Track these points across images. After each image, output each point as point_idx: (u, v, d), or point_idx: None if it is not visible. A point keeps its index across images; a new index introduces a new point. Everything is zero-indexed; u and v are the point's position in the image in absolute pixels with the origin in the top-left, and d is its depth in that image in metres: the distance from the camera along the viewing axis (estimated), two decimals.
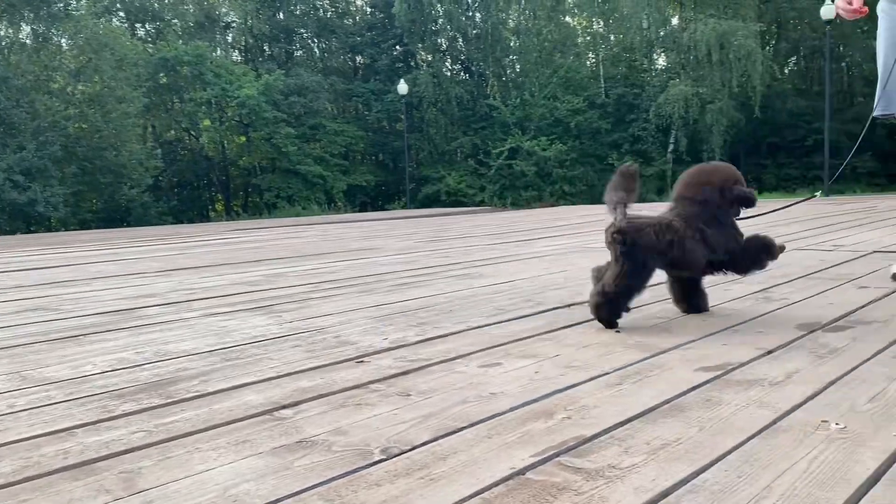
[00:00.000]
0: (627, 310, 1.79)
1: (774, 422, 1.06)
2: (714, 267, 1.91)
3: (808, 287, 2.29)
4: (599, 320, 1.79)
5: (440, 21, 31.18)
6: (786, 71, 33.87)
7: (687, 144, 28.19)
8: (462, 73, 33.26)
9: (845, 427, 1.03)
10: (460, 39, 32.35)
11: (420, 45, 31.37)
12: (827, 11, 18.30)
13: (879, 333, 1.60)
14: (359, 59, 33.63)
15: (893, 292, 2.12)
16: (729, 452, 0.95)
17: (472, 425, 1.10)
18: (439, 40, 32.01)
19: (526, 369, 1.42)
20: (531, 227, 6.64)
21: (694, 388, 1.24)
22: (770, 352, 1.48)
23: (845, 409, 1.11)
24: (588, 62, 35.71)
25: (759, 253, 1.94)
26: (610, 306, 1.77)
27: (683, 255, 1.80)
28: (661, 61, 33.00)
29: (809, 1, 29.34)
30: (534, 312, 2.03)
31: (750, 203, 1.91)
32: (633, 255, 1.78)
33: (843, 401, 1.15)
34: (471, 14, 32.21)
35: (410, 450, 1.01)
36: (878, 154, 28.91)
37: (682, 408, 1.15)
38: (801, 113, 29.36)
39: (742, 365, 1.39)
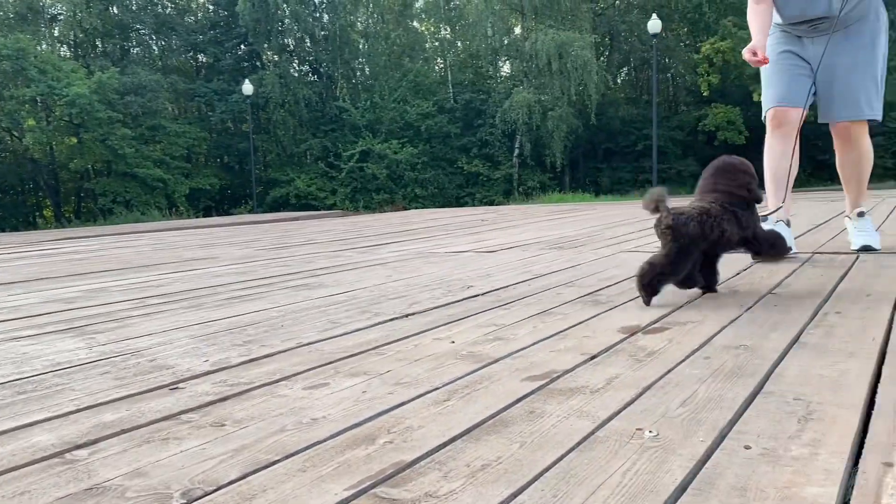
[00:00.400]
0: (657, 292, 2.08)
1: (593, 432, 1.07)
2: (739, 244, 2.23)
3: (632, 289, 2.38)
4: (640, 289, 2.08)
5: (286, 21, 30.49)
6: (618, 81, 36.09)
7: (531, 149, 29.33)
8: (311, 75, 32.72)
9: (658, 434, 1.05)
10: (308, 40, 31.82)
11: (266, 44, 30.50)
12: (654, 26, 19.66)
13: (693, 334, 1.68)
14: (201, 57, 32.22)
15: (709, 292, 2.25)
16: (547, 469, 0.94)
17: (287, 457, 1.03)
18: (286, 40, 31.30)
19: (353, 389, 1.36)
20: (379, 232, 6.60)
21: (519, 400, 1.24)
22: (594, 357, 1.51)
23: (659, 414, 1.14)
24: (437, 67, 36.30)
25: (776, 239, 2.31)
26: (652, 277, 2.05)
27: (721, 237, 2.12)
28: (506, 68, 34.15)
29: (638, 15, 31.46)
30: (369, 325, 1.98)
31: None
32: (680, 244, 2.06)
33: (658, 406, 1.18)
34: (318, 15, 31.75)
35: (215, 490, 0.92)
36: (700, 159, 31.40)
37: (506, 422, 1.13)
38: (633, 120, 31.41)
39: (567, 372, 1.40)
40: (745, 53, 2.82)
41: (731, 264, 2.87)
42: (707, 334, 1.67)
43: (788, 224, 3.19)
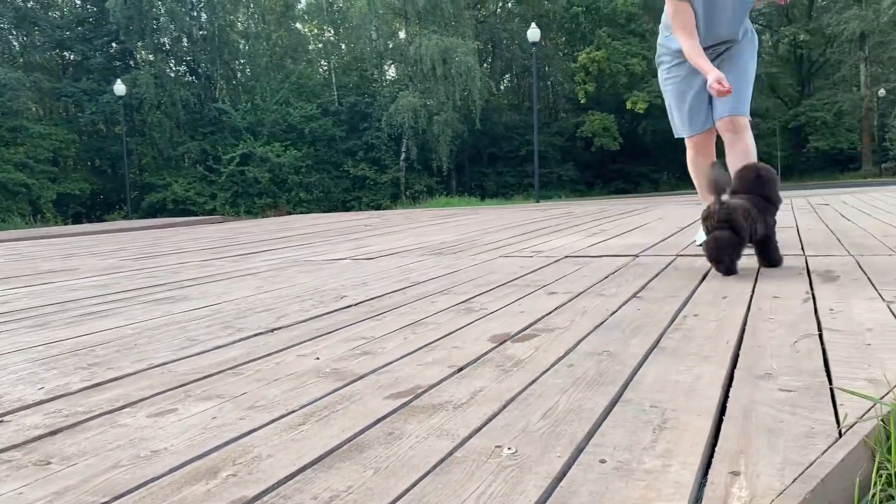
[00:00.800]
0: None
1: (451, 452, 1.03)
2: (760, 241, 2.64)
3: (507, 295, 2.40)
4: (727, 261, 2.55)
5: (162, 19, 29.20)
6: (501, 87, 36.89)
7: (418, 153, 29.46)
8: (188, 75, 31.49)
9: (516, 451, 1.02)
10: (185, 40, 30.61)
11: (140, 43, 29.10)
12: (533, 34, 20.19)
13: (560, 341, 1.68)
14: (68, 55, 30.33)
15: (577, 297, 2.29)
16: (399, 498, 0.89)
17: (115, 499, 0.93)
18: (161, 39, 29.97)
19: (203, 415, 1.27)
20: (255, 239, 6.38)
21: (379, 421, 1.18)
22: (461, 369, 1.48)
23: (519, 429, 1.11)
24: (321, 69, 35.81)
25: (777, 249, 2.74)
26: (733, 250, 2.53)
27: (755, 230, 2.53)
28: (391, 72, 34.14)
29: (519, 24, 32.28)
30: (230, 342, 1.87)
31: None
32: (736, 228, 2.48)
33: (519, 420, 1.16)
34: (196, 14, 30.59)
35: None
36: (579, 164, 32.61)
37: (362, 446, 1.08)
38: (516, 126, 32.19)
39: (432, 387, 1.36)
40: (714, 84, 3.01)
41: (601, 269, 2.95)
42: (573, 341, 1.68)
43: None
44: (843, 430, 1.03)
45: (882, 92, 34.34)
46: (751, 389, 1.25)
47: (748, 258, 2.74)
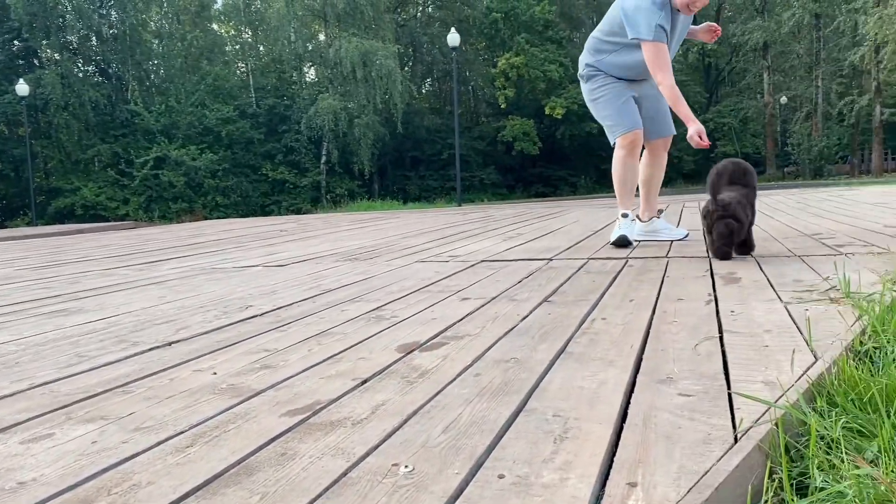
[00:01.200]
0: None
1: (345, 473, 0.98)
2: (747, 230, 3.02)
3: (419, 302, 2.36)
4: (726, 249, 2.95)
5: (68, 17, 27.91)
6: (423, 91, 36.96)
7: (339, 156, 29.15)
8: (98, 76, 30.21)
9: (413, 469, 0.98)
10: (94, 38, 29.36)
11: (45, 41, 27.74)
12: (453, 39, 20.29)
13: (468, 349, 1.66)
14: None
15: (489, 302, 2.27)
16: None
17: None
18: (69, 38, 28.64)
19: (82, 439, 1.18)
20: (164, 245, 6.14)
21: (272, 441, 1.12)
22: (364, 382, 1.44)
23: (419, 445, 1.08)
24: (238, 71, 35.03)
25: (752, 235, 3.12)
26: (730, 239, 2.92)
27: (746, 220, 2.94)
28: (311, 75, 33.70)
29: (439, 28, 32.41)
30: (123, 357, 1.76)
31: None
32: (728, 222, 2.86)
33: (420, 435, 1.12)
34: (105, 12, 29.39)
35: None
36: (500, 168, 33.00)
37: (251, 469, 1.02)
38: (437, 130, 32.30)
39: (332, 402, 1.31)
40: (696, 137, 3.42)
41: (515, 273, 2.95)
42: (481, 348, 1.66)
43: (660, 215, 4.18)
44: (738, 436, 1.03)
45: (784, 99, 36.12)
46: (652, 395, 1.25)
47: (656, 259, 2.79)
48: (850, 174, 32.27)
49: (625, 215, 3.84)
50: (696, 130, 3.41)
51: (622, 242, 3.74)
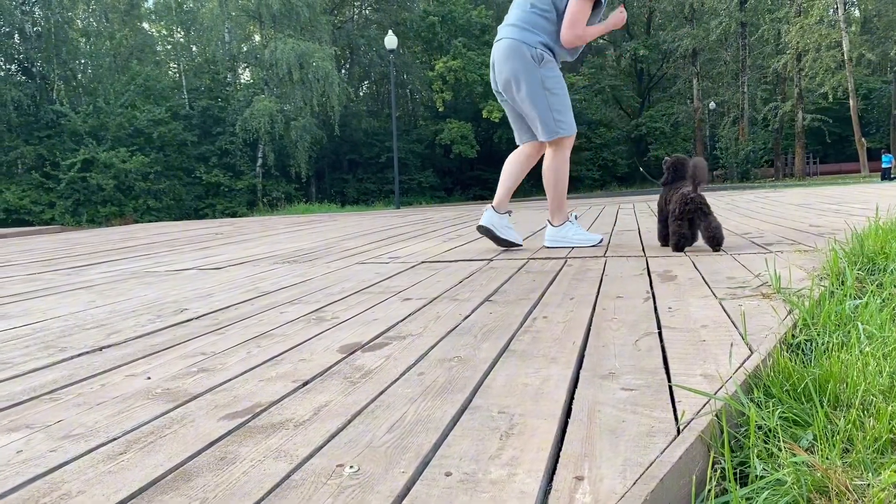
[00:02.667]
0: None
1: (288, 475, 0.96)
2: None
3: (360, 303, 2.33)
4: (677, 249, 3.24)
5: None
6: (360, 93, 36.76)
7: (275, 159, 28.73)
8: (20, 75, 28.99)
9: (358, 470, 0.96)
10: (17, 36, 28.18)
11: None
12: (390, 41, 20.26)
13: (411, 349, 1.64)
14: None
15: (431, 302, 2.26)
16: None
17: None
18: None
19: (7, 449, 1.11)
20: (93, 250, 5.92)
21: (211, 445, 1.09)
22: (306, 383, 1.41)
23: (364, 445, 1.06)
24: (170, 72, 34.20)
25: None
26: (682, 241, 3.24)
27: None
28: (246, 76, 33.13)
29: (376, 31, 32.32)
30: (50, 363, 1.68)
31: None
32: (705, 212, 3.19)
33: (364, 435, 1.10)
34: (28, 9, 28.25)
35: None
36: (438, 170, 33.09)
37: (189, 475, 0.98)
38: (375, 132, 32.17)
39: (273, 404, 1.28)
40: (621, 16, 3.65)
41: (456, 273, 2.95)
42: (425, 347, 1.65)
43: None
44: (680, 428, 1.05)
45: (712, 105, 37.32)
46: (595, 390, 1.26)
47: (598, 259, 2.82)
48: (774, 177, 33.57)
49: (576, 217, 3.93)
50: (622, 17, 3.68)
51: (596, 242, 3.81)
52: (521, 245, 3.88)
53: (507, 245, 3.85)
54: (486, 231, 3.82)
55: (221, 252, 4.87)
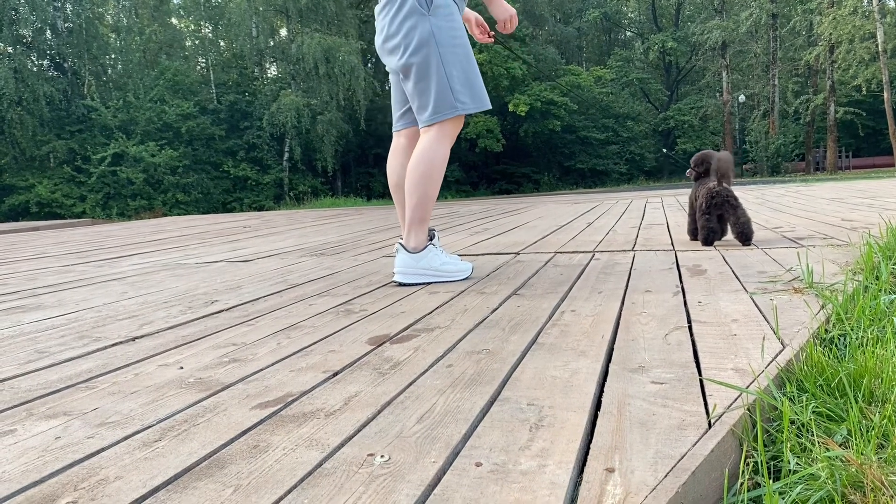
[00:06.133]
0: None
1: (320, 464, 0.97)
2: None
3: (387, 296, 2.35)
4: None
5: (21, 10, 27.18)
6: (386, 87, 36.77)
7: (301, 153, 28.91)
8: (52, 70, 29.48)
9: (389, 459, 0.97)
10: (49, 32, 28.65)
11: None
12: None
13: (439, 341, 1.65)
14: None
15: (458, 295, 2.27)
16: None
17: None
18: (22, 31, 27.88)
19: (45, 435, 1.14)
20: (124, 242, 6.02)
21: (244, 433, 1.10)
22: (336, 374, 1.42)
23: (394, 435, 1.06)
24: (198, 66, 34.52)
25: None
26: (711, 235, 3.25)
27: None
28: (273, 70, 33.34)
29: None
30: (85, 353, 1.72)
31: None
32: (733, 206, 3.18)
33: (394, 425, 1.11)
34: (60, 5, 28.69)
35: None
36: (464, 165, 33.06)
37: (223, 462, 0.99)
38: None
39: (304, 394, 1.29)
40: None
41: (483, 267, 2.95)
42: (453, 340, 1.65)
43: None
44: (712, 421, 1.04)
45: (742, 98, 36.80)
46: (625, 383, 1.26)
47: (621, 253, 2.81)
48: (805, 171, 33.03)
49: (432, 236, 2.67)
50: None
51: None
52: (467, 277, 2.67)
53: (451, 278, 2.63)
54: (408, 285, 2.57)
55: (250, 245, 4.91)
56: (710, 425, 1.03)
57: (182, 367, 1.53)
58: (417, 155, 2.56)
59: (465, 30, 2.61)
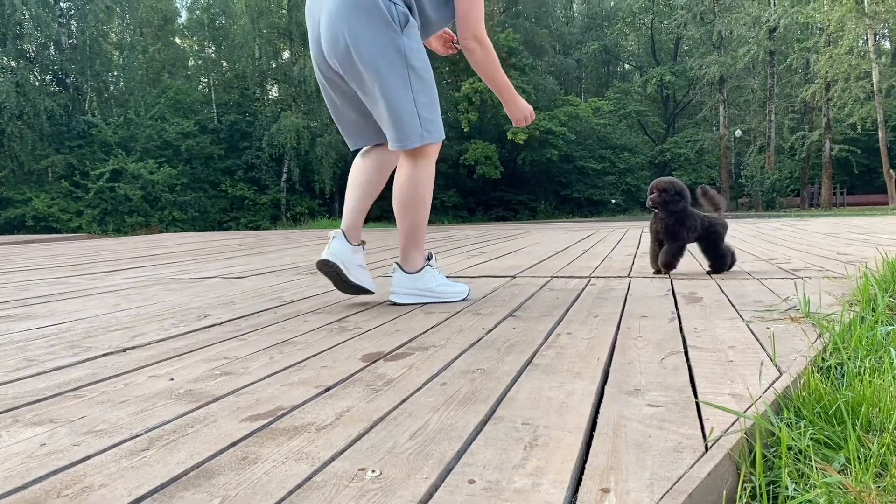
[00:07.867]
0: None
1: (310, 477, 0.95)
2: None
3: (382, 314, 2.33)
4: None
5: (27, 25, 27.37)
6: None
7: (300, 174, 28.98)
8: (55, 85, 29.62)
9: (381, 474, 0.95)
10: (52, 48, 28.84)
11: (0, 49, 27.15)
12: None
13: (433, 359, 1.63)
14: None
15: (454, 315, 2.25)
16: None
17: None
18: (26, 46, 28.07)
19: (30, 442, 1.12)
20: (119, 256, 5.99)
21: (233, 445, 1.08)
22: (328, 389, 1.40)
23: (386, 450, 1.05)
24: (200, 86, 34.70)
25: None
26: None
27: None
28: (274, 92, 33.53)
29: None
30: (75, 362, 1.69)
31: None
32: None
33: (386, 441, 1.09)
34: (65, 22, 28.91)
35: None
36: (461, 190, 33.16)
37: (211, 473, 0.97)
38: None
39: (295, 408, 1.27)
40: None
41: (479, 288, 2.94)
42: (447, 359, 1.63)
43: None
44: (709, 444, 1.03)
45: (738, 132, 37.12)
46: (620, 405, 1.24)
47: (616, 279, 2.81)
48: (800, 207, 33.22)
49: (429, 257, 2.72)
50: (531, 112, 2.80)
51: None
52: (372, 293, 2.73)
53: (355, 291, 2.67)
54: (330, 269, 2.62)
55: (245, 262, 4.90)
56: (706, 448, 1.01)
57: (173, 379, 1.51)
58: (403, 181, 2.53)
59: (426, 52, 2.53)
